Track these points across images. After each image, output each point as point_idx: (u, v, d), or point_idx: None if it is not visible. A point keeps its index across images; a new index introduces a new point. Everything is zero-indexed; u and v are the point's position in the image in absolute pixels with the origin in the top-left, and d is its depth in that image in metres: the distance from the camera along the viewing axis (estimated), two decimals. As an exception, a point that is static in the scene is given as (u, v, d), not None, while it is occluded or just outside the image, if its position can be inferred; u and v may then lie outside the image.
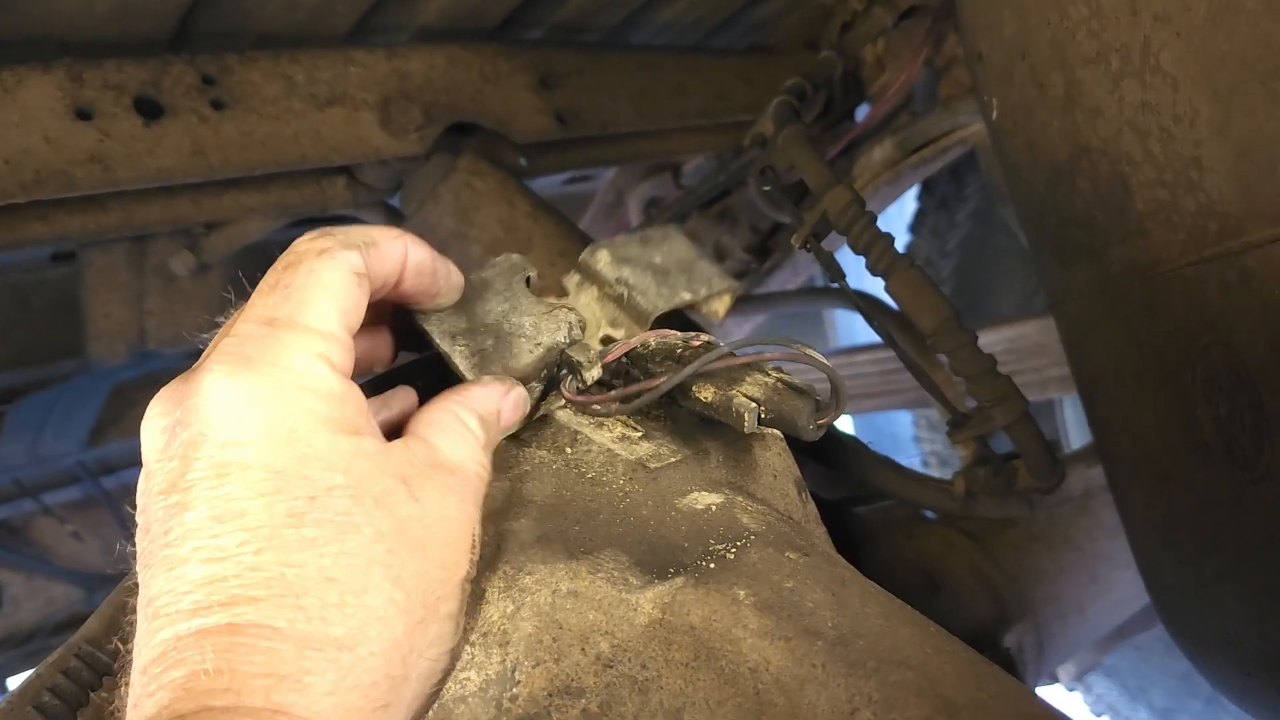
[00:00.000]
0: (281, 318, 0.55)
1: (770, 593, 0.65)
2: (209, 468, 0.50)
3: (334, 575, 0.51)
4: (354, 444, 0.54)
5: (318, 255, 0.57)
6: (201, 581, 0.48)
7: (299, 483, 0.51)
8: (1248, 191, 0.65)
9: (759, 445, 0.83)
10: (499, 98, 1.54)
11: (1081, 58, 0.77)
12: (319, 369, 0.55)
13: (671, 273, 0.80)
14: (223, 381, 0.52)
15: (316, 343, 0.55)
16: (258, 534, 0.50)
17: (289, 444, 0.52)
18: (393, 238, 0.63)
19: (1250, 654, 0.84)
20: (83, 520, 2.44)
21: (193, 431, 0.51)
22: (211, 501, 0.50)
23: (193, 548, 0.49)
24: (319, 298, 0.56)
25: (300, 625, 0.49)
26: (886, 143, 1.81)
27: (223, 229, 1.42)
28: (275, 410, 0.52)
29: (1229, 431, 0.76)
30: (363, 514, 0.53)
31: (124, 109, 1.23)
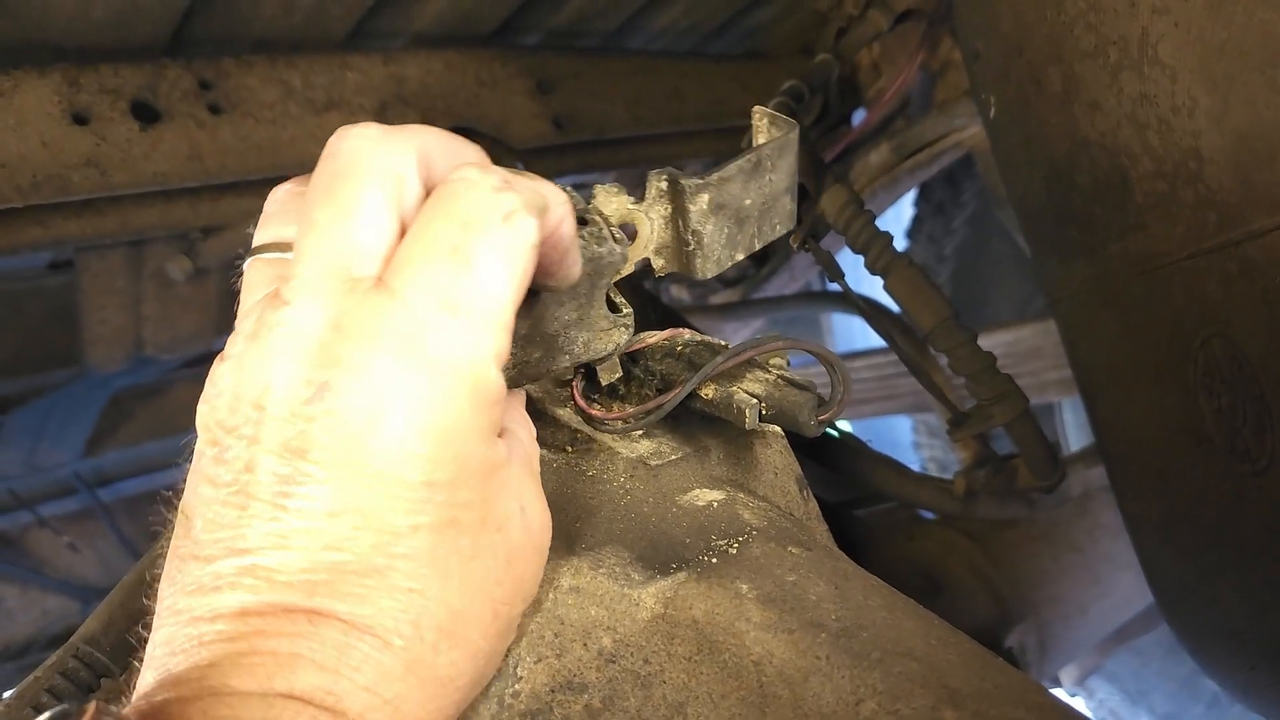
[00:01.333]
0: (465, 303, 0.48)
1: (773, 586, 0.65)
2: (360, 456, 0.46)
3: (455, 604, 0.49)
4: (493, 458, 0.51)
5: (504, 221, 0.49)
6: (325, 565, 0.46)
7: (448, 500, 0.48)
8: (1247, 181, 0.65)
9: (760, 443, 0.83)
10: (495, 103, 1.54)
11: (1079, 52, 0.77)
12: (492, 373, 0.50)
13: (751, 219, 0.74)
14: (396, 372, 0.46)
15: (494, 339, 0.49)
16: (398, 541, 0.47)
17: (450, 457, 0.48)
18: (561, 202, 0.54)
19: (1253, 648, 0.84)
20: (78, 532, 2.44)
21: (348, 408, 0.46)
22: (354, 492, 0.46)
23: (317, 528, 0.46)
24: (503, 281, 0.49)
25: (414, 647, 0.47)
26: (883, 147, 1.82)
27: (220, 234, 1.42)
28: (445, 419, 0.48)
29: (1231, 424, 0.76)
30: (487, 541, 0.51)
31: (120, 113, 1.23)
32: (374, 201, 0.48)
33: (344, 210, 0.48)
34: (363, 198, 0.48)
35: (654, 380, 0.80)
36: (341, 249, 0.48)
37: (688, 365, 0.78)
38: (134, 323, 1.51)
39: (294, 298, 0.48)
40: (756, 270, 2.11)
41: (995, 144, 1.01)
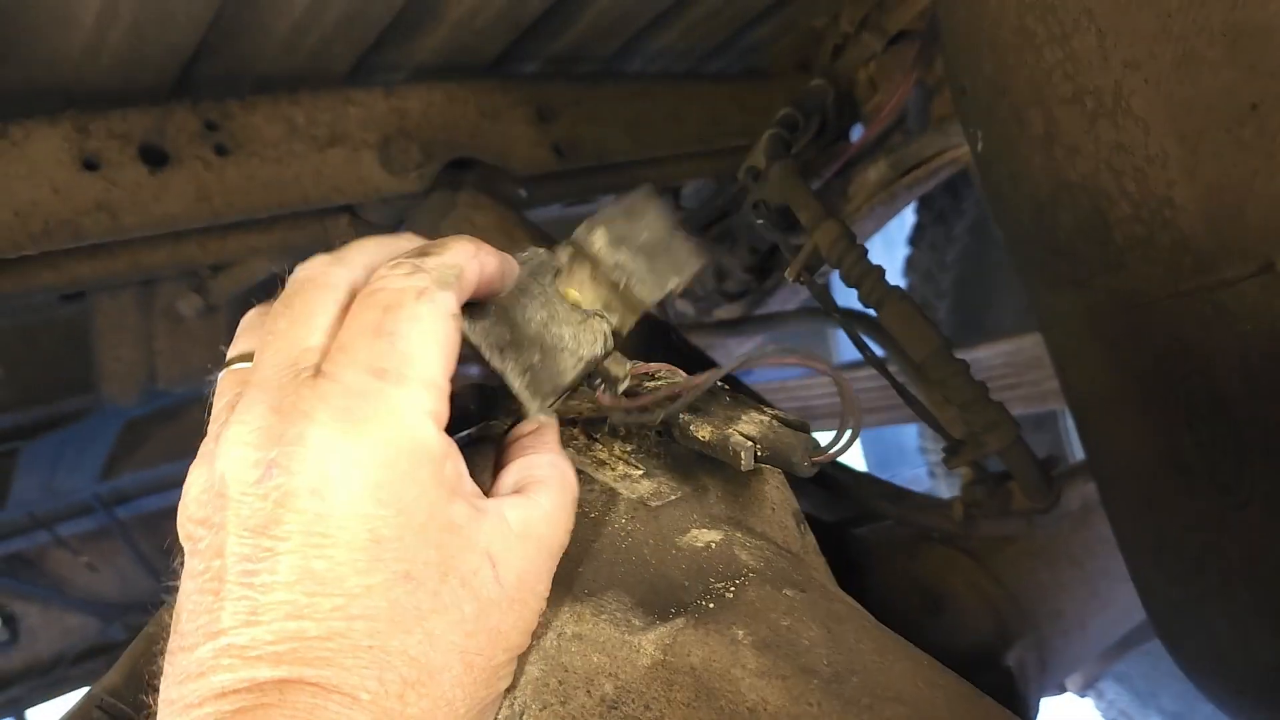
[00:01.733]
0: (391, 370, 0.53)
1: (768, 631, 0.67)
2: (311, 524, 0.50)
3: (417, 655, 0.51)
4: (449, 514, 0.54)
5: (417, 298, 0.55)
6: (289, 635, 0.49)
7: (398, 555, 0.51)
8: (1218, 232, 0.67)
9: (757, 479, 0.84)
10: (497, 132, 1.57)
11: (1058, 98, 0.79)
12: (428, 429, 0.54)
13: (658, 255, 0.78)
14: (333, 440, 0.50)
15: (426, 400, 0.54)
16: (353, 602, 0.50)
17: (394, 513, 0.51)
18: (470, 257, 0.60)
19: (1242, 674, 0.86)
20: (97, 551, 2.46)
21: (295, 482, 0.50)
22: (311, 559, 0.50)
23: (281, 600, 0.49)
24: (426, 348, 0.55)
25: (381, 700, 0.50)
26: (881, 163, 1.83)
27: (229, 270, 1.45)
28: (383, 476, 0.51)
29: (1211, 458, 0.78)
30: (450, 594, 0.53)
31: (130, 158, 1.26)
32: (319, 308, 0.56)
33: (294, 318, 0.56)
34: (310, 306, 0.56)
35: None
36: (289, 349, 0.54)
37: (688, 407, 0.80)
38: (147, 358, 1.54)
39: (248, 392, 0.53)
40: (759, 284, 2.13)
41: (983, 175, 1.03)
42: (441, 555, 0.53)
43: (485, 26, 1.47)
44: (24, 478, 2.07)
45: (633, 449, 0.86)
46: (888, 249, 3.27)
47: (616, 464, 0.85)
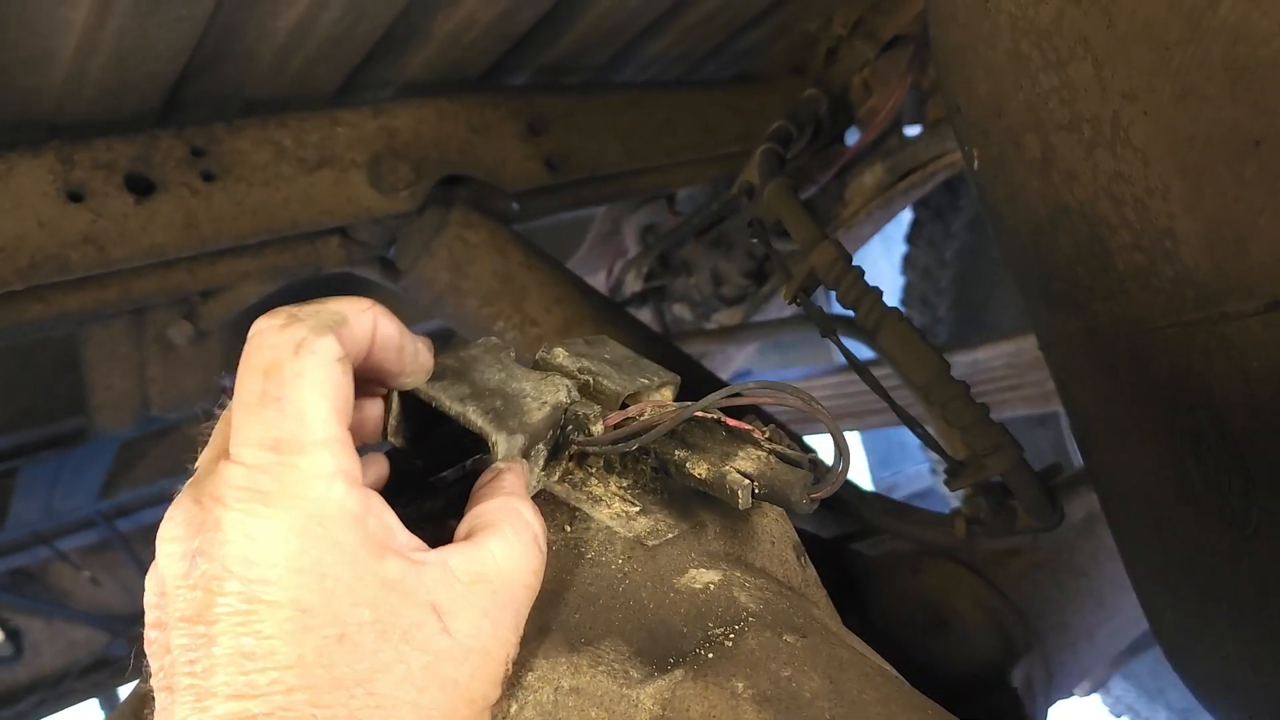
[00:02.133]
0: (285, 439, 0.52)
1: (768, 684, 0.66)
2: (236, 603, 0.50)
3: (361, 716, 0.51)
4: (380, 572, 0.53)
5: (295, 352, 0.54)
6: (230, 716, 0.48)
7: (327, 620, 0.51)
8: (1220, 267, 0.66)
9: (756, 513, 0.83)
10: (488, 148, 1.55)
11: (1055, 123, 0.78)
12: (336, 490, 0.53)
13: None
14: (243, 520, 0.50)
15: (327, 461, 0.53)
16: (287, 673, 0.49)
17: (315, 579, 0.51)
18: (361, 310, 0.59)
19: (1250, 699, 0.85)
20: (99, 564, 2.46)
21: (216, 566, 0.50)
22: (240, 638, 0.49)
23: (221, 682, 0.49)
24: (314, 405, 0.53)
25: None
26: (877, 167, 1.82)
27: (219, 296, 1.43)
28: (299, 545, 0.51)
29: (1218, 489, 0.77)
30: (391, 652, 0.52)
31: (115, 188, 1.25)
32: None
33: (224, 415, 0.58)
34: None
35: (649, 458, 0.80)
36: (215, 441, 0.57)
37: (680, 444, 0.78)
38: (139, 387, 1.53)
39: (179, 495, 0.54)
40: (757, 289, 2.12)
41: (980, 194, 1.01)
42: (377, 614, 0.52)
43: (474, 41, 1.45)
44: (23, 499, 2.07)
45: (629, 484, 0.85)
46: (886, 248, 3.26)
47: (613, 500, 0.83)
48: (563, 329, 1.49)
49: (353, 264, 1.52)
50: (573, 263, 2.25)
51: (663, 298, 2.28)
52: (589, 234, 2.33)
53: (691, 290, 2.21)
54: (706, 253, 2.16)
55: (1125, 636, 1.47)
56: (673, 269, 2.23)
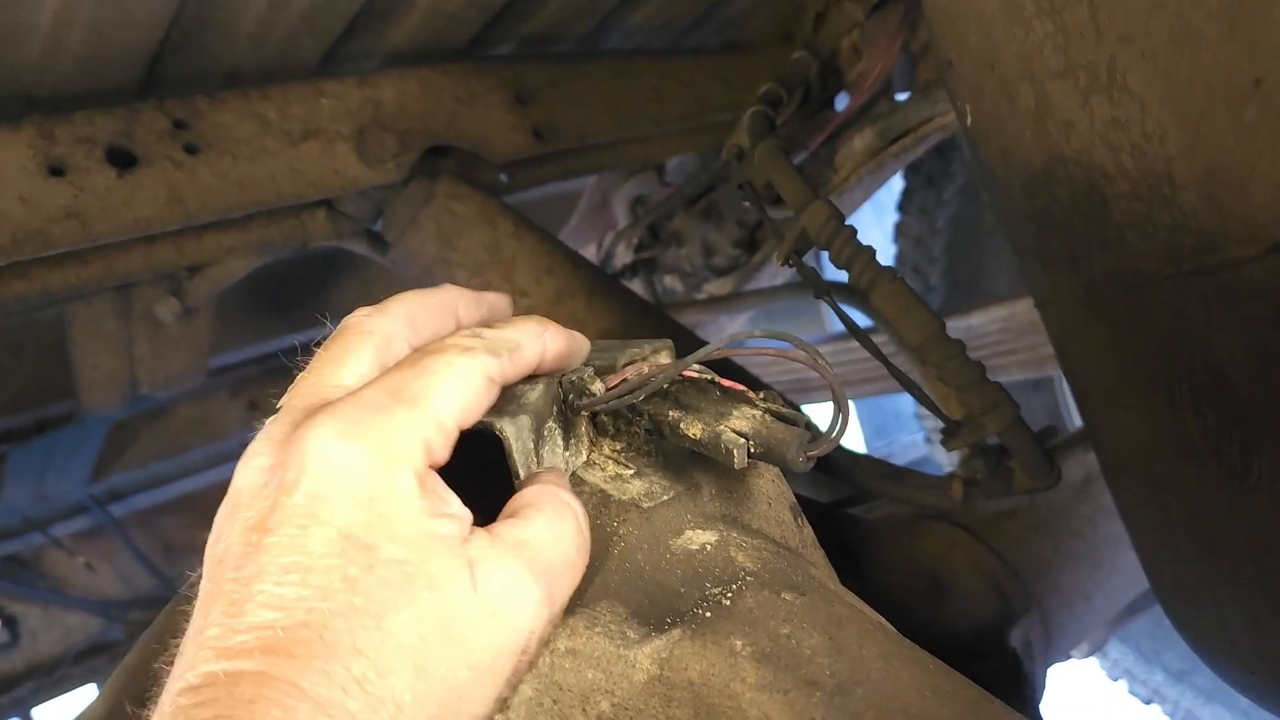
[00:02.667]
0: (405, 393, 0.56)
1: (767, 641, 0.65)
2: (295, 517, 0.52)
3: (364, 649, 0.51)
4: (431, 526, 0.55)
5: (460, 352, 0.59)
6: (255, 625, 0.50)
7: (362, 551, 0.52)
8: (1220, 212, 0.65)
9: (752, 474, 0.82)
10: (474, 118, 1.53)
11: (1049, 72, 0.76)
12: (419, 451, 0.55)
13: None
14: (331, 439, 0.53)
15: (425, 426, 0.55)
16: (314, 593, 0.50)
17: (367, 511, 0.53)
18: (535, 338, 0.65)
19: (1251, 656, 0.84)
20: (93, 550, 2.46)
21: (290, 477, 0.53)
22: (286, 551, 0.51)
23: (259, 590, 0.50)
24: (447, 389, 0.57)
25: (322, 690, 0.49)
26: (867, 131, 1.80)
27: (205, 271, 1.41)
28: (365, 477, 0.53)
29: (1218, 442, 0.76)
30: (410, 593, 0.53)
31: (97, 161, 1.23)
32: (359, 352, 0.60)
33: (328, 359, 0.60)
34: (344, 350, 0.60)
35: (642, 420, 0.80)
36: (321, 385, 0.58)
37: (674, 404, 0.78)
38: (127, 365, 1.52)
39: (271, 421, 0.57)
40: (749, 259, 2.11)
41: (973, 150, 1.00)
42: (414, 556, 0.53)
43: (458, 10, 1.43)
44: (13, 483, 2.06)
45: (622, 448, 0.84)
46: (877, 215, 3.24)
47: (606, 464, 0.82)
48: (553, 300, 1.48)
49: (340, 238, 1.50)
50: (562, 236, 2.23)
51: (653, 269, 2.26)
52: (578, 207, 2.32)
53: (682, 261, 2.19)
54: (697, 223, 2.15)
55: (1122, 597, 1.47)
56: (663, 240, 2.21)
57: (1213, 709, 2.61)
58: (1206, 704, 2.62)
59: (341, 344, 0.60)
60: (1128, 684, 2.80)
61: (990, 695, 0.63)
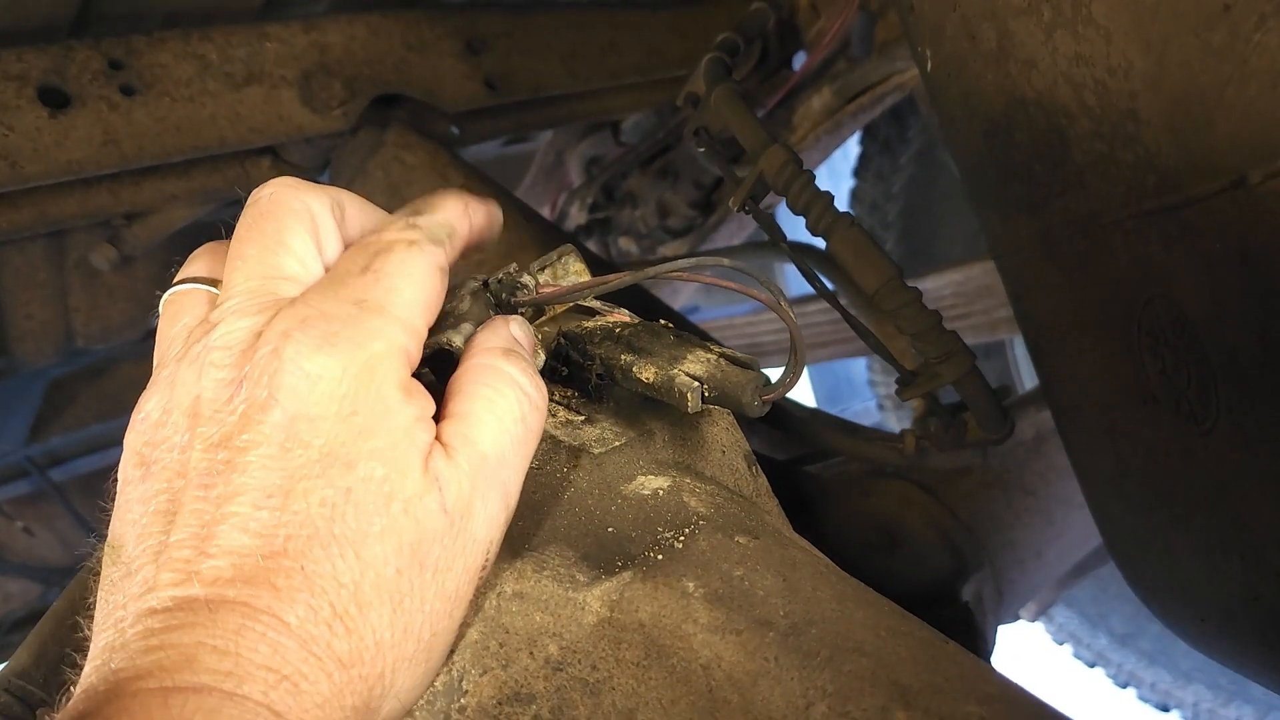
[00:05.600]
0: (371, 301, 0.54)
1: (720, 583, 0.64)
2: (273, 435, 0.49)
3: (345, 581, 0.49)
4: (407, 434, 0.52)
5: (408, 246, 0.57)
6: (231, 549, 0.48)
7: (342, 470, 0.50)
8: (1184, 146, 0.64)
9: (706, 421, 0.81)
10: (425, 66, 1.49)
11: (1012, 9, 0.75)
12: (396, 357, 0.53)
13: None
14: (307, 353, 0.50)
15: (399, 333, 0.54)
16: (293, 519, 0.48)
17: (349, 426, 0.51)
18: (461, 215, 0.64)
19: (1204, 602, 0.85)
20: (33, 515, 2.40)
21: (265, 394, 0.50)
22: (266, 471, 0.49)
23: (233, 512, 0.48)
24: (408, 289, 0.55)
25: (309, 628, 0.47)
26: (825, 91, 1.79)
27: (144, 219, 1.37)
28: (347, 391, 0.51)
29: (1175, 385, 0.75)
30: (388, 520, 0.51)
31: (27, 100, 1.18)
32: (296, 235, 0.56)
33: (270, 243, 0.56)
34: (285, 231, 0.56)
35: (594, 364, 0.78)
36: (268, 274, 0.55)
37: (627, 348, 0.76)
38: (62, 315, 1.47)
39: (222, 318, 0.53)
40: (704, 220, 2.09)
41: (933, 97, 0.98)
42: (392, 472, 0.51)
43: (407, -47, 1.39)
44: (-55, 445, 2.00)
45: (573, 394, 0.82)
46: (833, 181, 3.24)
47: (557, 410, 0.81)
48: (505, 253, 1.45)
49: (285, 187, 1.46)
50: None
51: (608, 230, 2.24)
52: (532, 167, 2.28)
53: (637, 222, 2.17)
54: (652, 184, 2.12)
55: (1073, 555, 1.48)
56: (618, 201, 2.18)
57: (1155, 671, 2.66)
58: (1149, 667, 2.67)
59: (274, 225, 0.56)
60: (1072, 648, 2.84)
61: (945, 637, 0.62)
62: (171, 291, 0.60)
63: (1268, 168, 0.57)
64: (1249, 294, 0.63)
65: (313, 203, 0.58)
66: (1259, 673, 0.86)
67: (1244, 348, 0.66)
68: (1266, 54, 0.56)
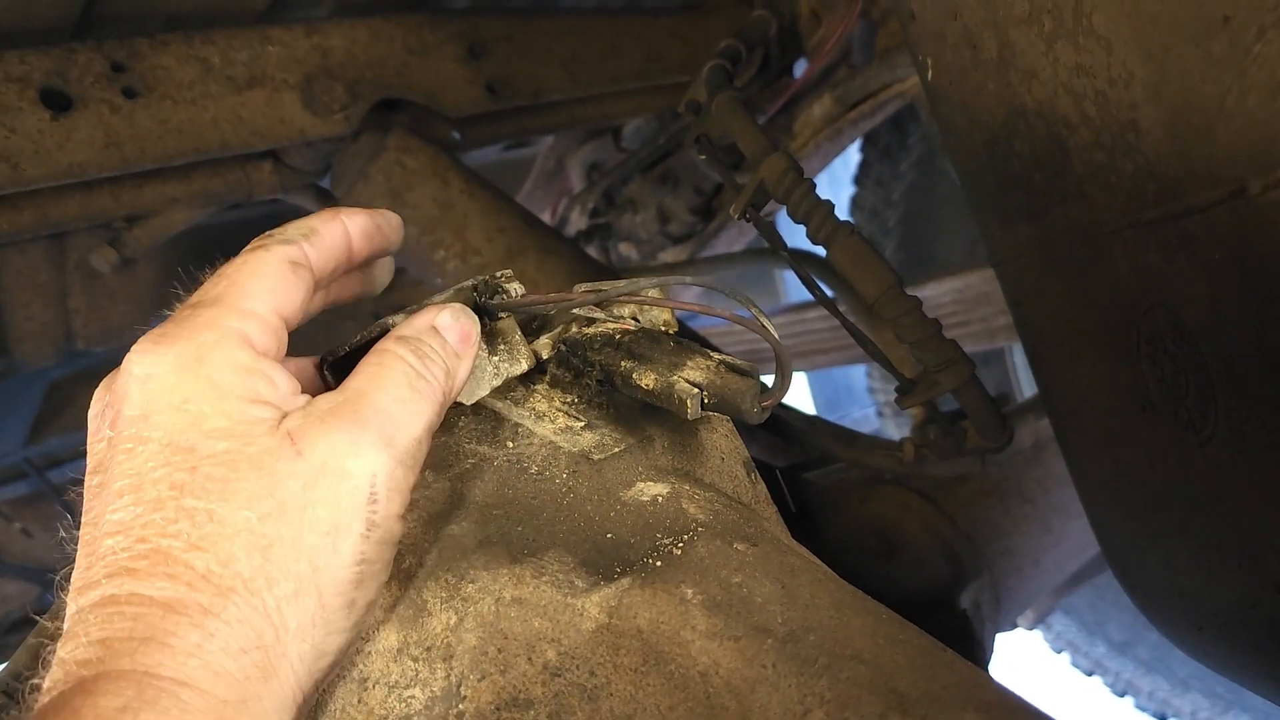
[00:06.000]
0: (207, 299, 0.57)
1: (719, 589, 0.64)
2: (124, 442, 0.53)
3: (201, 544, 0.51)
4: (248, 412, 0.55)
5: (251, 251, 0.61)
6: (103, 555, 0.51)
7: (184, 454, 0.53)
8: (1185, 154, 0.64)
9: (705, 428, 0.81)
10: (426, 71, 1.50)
11: (1013, 18, 0.75)
12: (230, 342, 0.56)
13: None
14: (138, 358, 0.54)
15: (233, 319, 0.56)
16: (147, 507, 0.51)
17: (182, 414, 0.53)
18: (329, 219, 0.65)
19: (1201, 610, 0.85)
20: (32, 516, 2.40)
21: (114, 410, 0.54)
22: (121, 477, 0.52)
23: (102, 522, 0.52)
24: (247, 282, 0.58)
25: (168, 592, 0.50)
26: (826, 98, 1.79)
27: (145, 221, 1.37)
28: (175, 381, 0.54)
29: (1174, 393, 0.76)
30: (236, 480, 0.53)
31: (29, 102, 1.18)
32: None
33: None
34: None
35: (594, 371, 0.78)
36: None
37: (627, 355, 0.76)
38: (62, 317, 1.47)
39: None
40: (704, 226, 2.09)
41: (934, 105, 0.99)
42: (233, 444, 0.54)
43: (410, -43, 1.39)
44: (-55, 445, 2.00)
45: (573, 400, 0.82)
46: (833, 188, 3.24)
47: (557, 416, 0.81)
48: (505, 258, 1.45)
49: (286, 190, 1.46)
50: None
51: (608, 235, 2.24)
52: (532, 172, 2.28)
53: (637, 228, 2.17)
54: (653, 189, 2.12)
55: (1070, 564, 1.48)
56: (618, 206, 2.19)
57: (1152, 679, 2.65)
58: (1146, 675, 2.66)
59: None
60: (1070, 656, 2.83)
61: (943, 645, 0.63)
62: None
63: (1267, 178, 0.58)
64: (1248, 302, 0.63)
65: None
66: (1255, 681, 0.86)
67: (1243, 356, 0.66)
68: (1266, 65, 0.56)
